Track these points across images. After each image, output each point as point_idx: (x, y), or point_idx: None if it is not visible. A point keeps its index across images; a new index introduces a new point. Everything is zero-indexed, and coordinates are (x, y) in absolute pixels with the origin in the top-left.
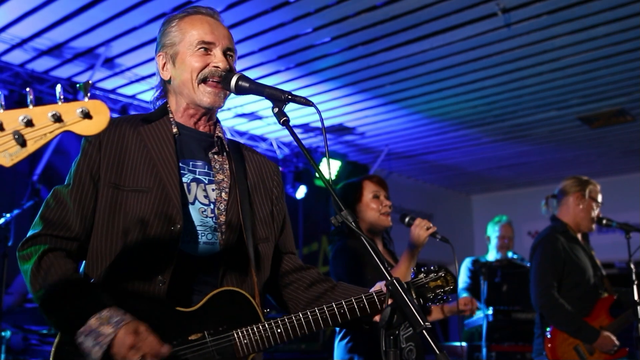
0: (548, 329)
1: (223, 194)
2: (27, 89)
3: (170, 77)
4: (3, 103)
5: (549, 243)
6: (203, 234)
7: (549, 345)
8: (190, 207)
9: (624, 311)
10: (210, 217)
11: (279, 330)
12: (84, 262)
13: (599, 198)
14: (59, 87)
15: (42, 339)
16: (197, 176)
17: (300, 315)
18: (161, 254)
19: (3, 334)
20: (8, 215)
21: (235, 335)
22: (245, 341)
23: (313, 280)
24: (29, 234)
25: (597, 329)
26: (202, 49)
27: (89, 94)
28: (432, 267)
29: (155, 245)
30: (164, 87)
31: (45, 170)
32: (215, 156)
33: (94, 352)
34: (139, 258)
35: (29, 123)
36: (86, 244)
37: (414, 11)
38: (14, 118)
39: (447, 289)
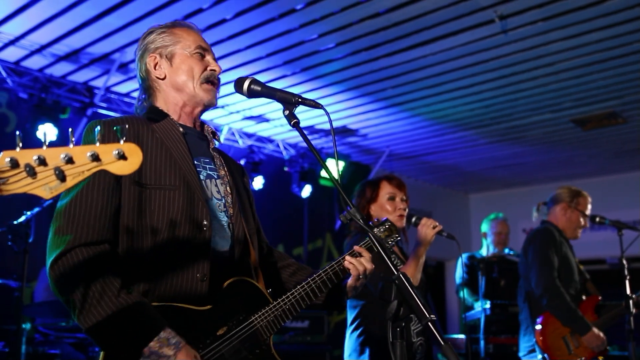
0: (538, 320)
1: (227, 188)
2: (69, 129)
3: (166, 76)
4: (75, 142)
5: (547, 234)
6: (221, 228)
7: (540, 335)
8: (210, 202)
9: (607, 311)
10: (223, 212)
11: (287, 307)
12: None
13: (588, 209)
14: (97, 130)
15: (59, 334)
16: (209, 172)
17: (300, 288)
18: (195, 251)
19: (24, 326)
20: (29, 212)
21: (255, 321)
22: (263, 324)
23: (295, 269)
24: (60, 248)
25: (590, 324)
26: (198, 54)
27: (124, 137)
28: (376, 220)
29: (188, 243)
30: (149, 89)
31: None
32: (215, 153)
33: None
34: (173, 257)
35: (70, 160)
36: (115, 246)
37: (415, 18)
38: (56, 155)
39: (394, 236)
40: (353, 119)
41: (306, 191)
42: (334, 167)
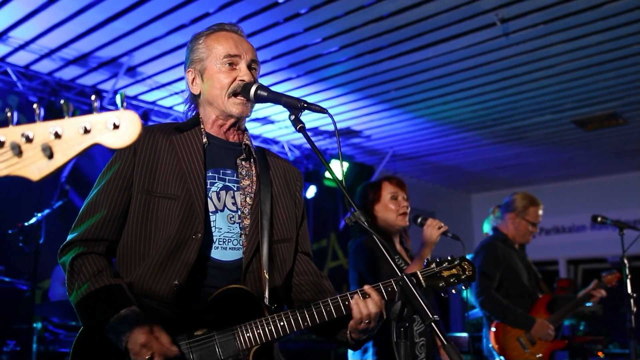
0: (493, 329)
1: (248, 198)
2: (62, 101)
3: (200, 92)
4: (42, 116)
5: (489, 249)
6: (230, 240)
7: (494, 339)
8: (219, 214)
9: (560, 307)
10: (237, 223)
11: (282, 323)
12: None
13: (537, 219)
14: (94, 97)
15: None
16: (227, 183)
17: (304, 309)
18: (181, 259)
19: (35, 325)
20: (39, 214)
21: (239, 330)
22: (248, 334)
23: (319, 290)
24: (66, 240)
25: (532, 317)
26: (228, 64)
27: (124, 104)
28: (448, 257)
29: (177, 250)
30: (194, 100)
31: (73, 172)
32: (243, 162)
33: (119, 346)
34: (159, 261)
35: (58, 135)
36: (116, 244)
37: (418, 22)
38: (44, 130)
39: (463, 277)
40: (357, 121)
41: (311, 192)
42: (339, 169)
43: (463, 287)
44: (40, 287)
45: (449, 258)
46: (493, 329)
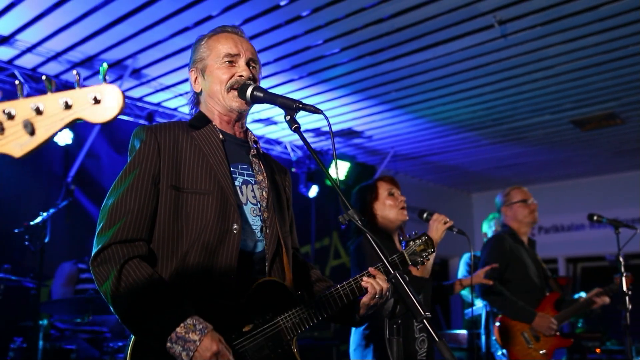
0: (497, 323)
1: (264, 192)
2: (43, 77)
3: (202, 89)
4: (25, 93)
5: (496, 241)
6: (255, 232)
7: (498, 332)
8: (244, 207)
9: (567, 307)
10: (258, 216)
11: (313, 311)
12: None
13: (525, 195)
14: (75, 73)
15: (75, 328)
16: (246, 178)
17: (327, 293)
18: (224, 253)
19: (41, 322)
20: (45, 214)
21: (281, 321)
22: (289, 325)
23: (318, 278)
24: (99, 245)
25: (534, 311)
26: (227, 62)
27: (107, 78)
28: (414, 233)
29: (220, 245)
30: (196, 98)
31: (79, 172)
32: (254, 159)
33: (182, 356)
34: (205, 258)
35: (39, 111)
36: (149, 244)
37: (417, 23)
38: (25, 106)
39: (429, 250)
40: (358, 121)
41: (313, 191)
42: (339, 169)
43: (428, 259)
44: (46, 285)
45: (415, 234)
46: (497, 323)
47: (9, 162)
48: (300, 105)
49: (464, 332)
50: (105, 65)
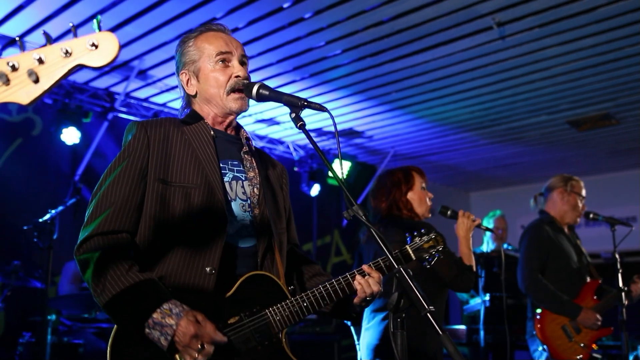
0: (538, 311)
1: (255, 189)
2: (42, 31)
3: (197, 92)
4: (24, 50)
5: (536, 231)
6: (244, 227)
7: (538, 325)
8: (233, 203)
9: (606, 295)
10: (248, 212)
11: (305, 304)
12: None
13: (583, 192)
14: (70, 24)
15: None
16: (236, 174)
17: (321, 287)
18: (209, 247)
19: (49, 317)
20: (53, 211)
21: (269, 314)
22: (277, 318)
23: (315, 273)
24: (81, 236)
25: (579, 305)
26: (221, 62)
27: (101, 26)
28: (422, 230)
29: (204, 239)
30: (189, 100)
31: (86, 171)
32: (246, 155)
33: (161, 341)
34: (188, 251)
35: (41, 61)
36: (134, 236)
37: (417, 26)
38: (28, 57)
39: (438, 247)
40: (359, 122)
41: (315, 190)
42: (340, 168)
43: (438, 257)
44: (54, 281)
45: (423, 231)
46: (538, 317)
47: (18, 162)
48: (306, 103)
49: (462, 327)
50: (98, 17)
